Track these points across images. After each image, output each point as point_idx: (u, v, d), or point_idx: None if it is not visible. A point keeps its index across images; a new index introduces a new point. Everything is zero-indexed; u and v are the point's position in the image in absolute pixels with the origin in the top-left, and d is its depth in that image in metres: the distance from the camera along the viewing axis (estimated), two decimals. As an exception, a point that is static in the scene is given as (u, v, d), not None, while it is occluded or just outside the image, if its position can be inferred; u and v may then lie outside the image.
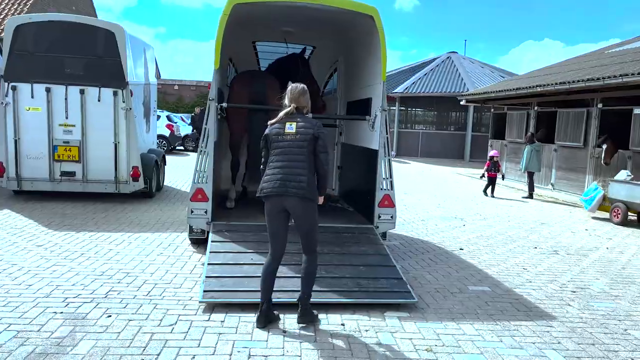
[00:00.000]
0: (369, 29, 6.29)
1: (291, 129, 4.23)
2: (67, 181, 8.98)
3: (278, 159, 4.26)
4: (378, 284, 4.97)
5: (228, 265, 5.05)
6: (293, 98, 4.32)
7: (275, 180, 4.18)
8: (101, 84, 8.77)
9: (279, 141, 4.26)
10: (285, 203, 4.17)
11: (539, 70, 19.61)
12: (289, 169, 4.18)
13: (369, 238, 5.96)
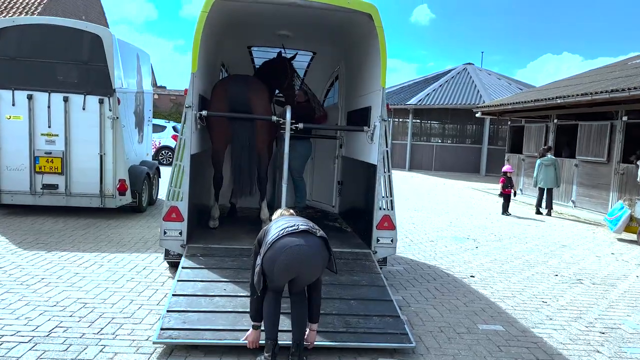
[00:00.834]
0: (368, 29, 5.61)
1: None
2: (49, 194, 8.41)
3: (278, 226, 3.77)
4: (370, 323, 4.23)
5: (196, 297, 4.36)
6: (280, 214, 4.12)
7: (281, 229, 3.70)
8: (86, 91, 8.22)
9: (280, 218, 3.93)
10: (298, 239, 3.64)
11: (558, 82, 18.75)
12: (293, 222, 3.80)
13: (365, 265, 5.23)
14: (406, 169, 24.89)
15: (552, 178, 12.72)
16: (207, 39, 5.69)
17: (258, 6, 5.66)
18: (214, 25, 5.76)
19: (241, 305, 4.20)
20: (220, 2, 5.22)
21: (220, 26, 6.22)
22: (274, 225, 3.78)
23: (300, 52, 8.21)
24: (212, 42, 6.17)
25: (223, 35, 6.76)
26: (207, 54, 6.06)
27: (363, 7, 5.29)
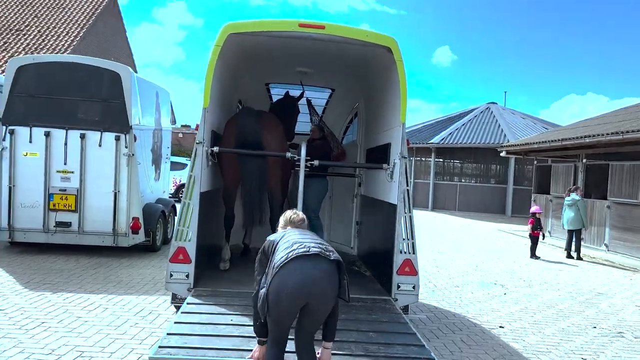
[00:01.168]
0: (387, 63, 5.39)
1: None
2: (62, 232, 8.23)
3: (288, 241, 3.42)
4: (392, 350, 3.82)
5: (199, 325, 4.06)
6: (288, 221, 3.77)
7: (290, 250, 3.31)
8: (103, 128, 8.15)
9: (285, 236, 3.52)
10: (308, 264, 3.24)
11: (586, 121, 18.27)
12: (304, 241, 3.39)
13: (384, 308, 4.85)
14: (429, 209, 24.36)
15: (574, 219, 12.15)
16: (222, 73, 5.53)
17: (274, 41, 5.51)
18: (229, 59, 5.61)
19: (249, 332, 3.82)
20: (234, 37, 5.07)
21: (236, 61, 6.08)
22: (283, 241, 3.42)
23: (319, 88, 8.06)
24: (227, 77, 6.02)
25: (239, 70, 6.62)
26: (222, 89, 5.90)
27: (382, 40, 5.08)
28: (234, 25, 5.01)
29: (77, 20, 22.65)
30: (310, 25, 5.02)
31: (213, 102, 5.30)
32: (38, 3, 23.79)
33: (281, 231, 3.67)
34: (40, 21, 22.60)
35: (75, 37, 21.63)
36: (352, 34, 5.07)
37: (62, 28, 22.18)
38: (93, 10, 23.35)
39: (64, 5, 23.59)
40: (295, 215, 3.81)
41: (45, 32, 21.92)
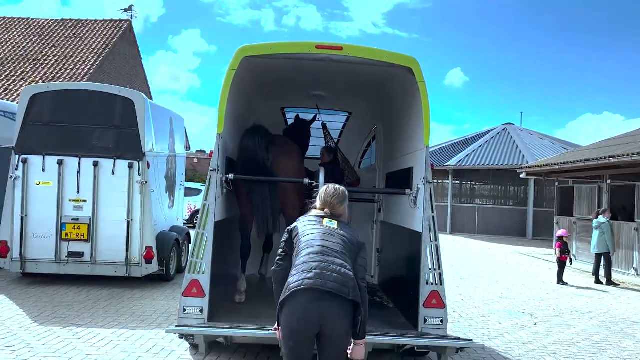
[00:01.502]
0: (407, 84, 5.17)
1: (332, 224, 3.41)
2: (74, 263, 8.04)
3: (311, 250, 3.21)
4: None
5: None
6: (327, 203, 3.50)
7: (308, 271, 3.10)
8: (116, 156, 8.01)
9: (313, 230, 3.33)
10: (320, 304, 3.04)
11: (607, 141, 17.82)
12: (328, 257, 3.16)
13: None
14: (447, 232, 23.87)
15: (599, 242, 11.67)
16: (236, 98, 5.36)
17: (290, 63, 5.33)
18: (244, 83, 5.44)
19: None
20: (249, 60, 4.91)
21: (251, 85, 5.91)
22: (307, 239, 3.25)
23: (336, 112, 7.87)
24: (242, 102, 5.84)
25: (254, 94, 6.45)
26: (237, 114, 5.72)
27: (402, 60, 4.87)
28: (248, 48, 4.85)
29: (94, 49, 22.99)
30: (327, 47, 4.84)
31: (228, 127, 5.11)
32: (56, 33, 24.25)
33: (312, 219, 3.40)
34: (58, 50, 22.96)
35: (92, 65, 21.91)
36: (371, 54, 4.87)
37: (79, 57, 22.50)
38: (110, 39, 23.70)
39: (81, 35, 24.00)
40: (335, 196, 3.49)
41: (62, 61, 22.25)
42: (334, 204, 3.47)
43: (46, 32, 24.38)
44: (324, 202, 3.49)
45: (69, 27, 24.61)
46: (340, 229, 3.35)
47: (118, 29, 24.45)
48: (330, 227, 3.34)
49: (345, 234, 3.33)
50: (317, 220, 3.39)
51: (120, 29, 24.44)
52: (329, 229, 3.33)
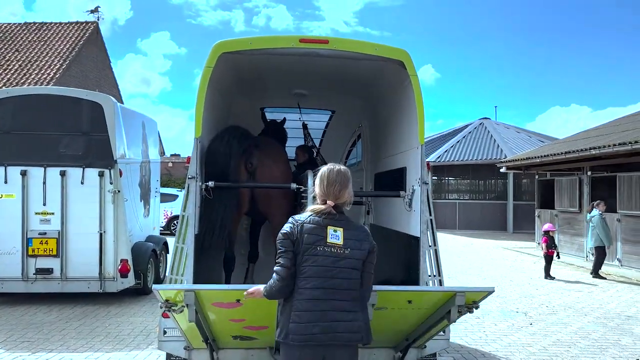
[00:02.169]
0: (398, 79, 4.83)
1: (336, 238, 2.88)
2: (43, 280, 7.51)
3: (315, 284, 2.83)
4: None
5: None
6: (330, 191, 2.94)
7: (315, 322, 2.79)
8: (85, 164, 7.50)
9: (316, 254, 2.84)
10: (329, 356, 2.82)
11: (587, 132, 17.90)
12: (335, 301, 2.83)
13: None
14: (429, 229, 23.74)
15: (591, 236, 11.61)
16: (215, 98, 4.95)
17: (271, 60, 4.94)
18: (222, 82, 5.03)
19: None
20: (227, 57, 4.50)
21: (230, 84, 5.50)
22: (308, 267, 2.83)
23: (318, 111, 7.51)
24: (221, 103, 5.43)
25: (234, 94, 6.04)
26: (216, 116, 5.30)
27: (393, 53, 4.53)
28: (226, 43, 4.44)
29: (60, 52, 22.16)
30: (312, 41, 4.47)
31: (206, 130, 4.69)
32: (19, 37, 23.32)
33: (315, 228, 2.86)
34: (22, 55, 22.06)
35: (58, 69, 21.11)
36: (359, 48, 4.52)
37: (45, 61, 21.66)
38: (76, 41, 22.90)
39: (45, 38, 23.12)
40: (339, 182, 2.93)
41: (26, 65, 21.38)
42: (338, 191, 2.93)
43: (9, 36, 23.41)
44: (326, 191, 2.93)
45: (33, 31, 23.69)
46: (346, 245, 2.87)
47: (84, 31, 23.63)
48: (336, 247, 2.85)
49: (352, 254, 2.88)
50: (319, 231, 2.85)
51: (87, 31, 23.63)
52: (335, 251, 2.85)
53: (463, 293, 3.25)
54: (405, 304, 3.40)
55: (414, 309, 3.52)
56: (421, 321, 3.73)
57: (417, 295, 3.45)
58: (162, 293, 3.08)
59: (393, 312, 3.49)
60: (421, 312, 3.59)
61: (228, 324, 3.63)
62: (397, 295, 3.38)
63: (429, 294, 3.49)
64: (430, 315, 3.61)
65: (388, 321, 3.65)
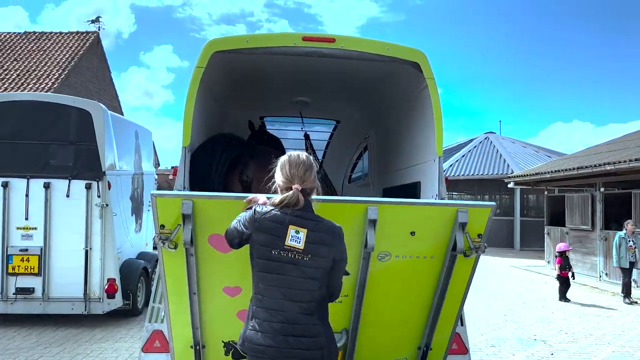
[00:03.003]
0: (412, 83, 4.32)
1: (297, 241, 2.49)
2: (23, 300, 6.96)
3: (270, 293, 2.53)
4: None
5: None
6: (295, 173, 2.58)
7: (272, 335, 2.51)
8: (71, 176, 7.00)
9: (269, 258, 2.51)
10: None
11: (597, 147, 17.40)
12: (293, 314, 2.53)
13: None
14: (433, 246, 23.13)
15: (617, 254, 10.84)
16: (207, 102, 4.46)
17: (270, 60, 4.44)
18: (214, 85, 4.53)
19: None
20: (220, 57, 4.00)
21: (224, 87, 5.00)
22: (260, 267, 2.55)
23: (322, 120, 7.01)
24: (213, 108, 4.93)
25: (229, 100, 5.53)
26: (208, 124, 4.80)
27: (408, 54, 4.03)
28: (219, 41, 3.94)
29: (59, 62, 21.79)
30: (316, 39, 3.98)
31: (196, 139, 4.19)
32: (18, 46, 22.99)
33: (274, 220, 2.50)
34: (20, 64, 21.70)
35: (57, 79, 20.70)
36: (369, 47, 4.02)
37: (43, 71, 21.27)
38: (76, 51, 22.53)
39: (45, 48, 22.78)
40: (302, 164, 2.61)
41: (25, 75, 21.00)
42: (303, 172, 2.59)
43: (8, 45, 23.08)
44: (289, 174, 2.59)
45: (33, 40, 23.36)
46: (307, 251, 2.48)
47: (85, 41, 23.29)
48: (294, 252, 2.48)
49: (314, 263, 2.50)
50: (280, 231, 2.49)
51: (87, 41, 23.29)
52: (292, 256, 2.48)
53: (465, 209, 3.05)
54: (407, 237, 3.10)
55: (420, 251, 3.19)
56: (431, 281, 3.33)
57: (418, 212, 3.11)
58: (159, 201, 2.78)
59: (397, 263, 3.17)
60: (427, 259, 3.24)
61: (222, 298, 3.15)
62: (395, 213, 3.05)
63: (430, 211, 3.14)
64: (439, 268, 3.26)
65: (395, 284, 3.29)
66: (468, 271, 3.28)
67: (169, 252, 2.95)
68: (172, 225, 2.84)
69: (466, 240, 3.08)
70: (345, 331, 3.51)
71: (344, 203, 3.04)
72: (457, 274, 3.24)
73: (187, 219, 2.79)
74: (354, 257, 3.07)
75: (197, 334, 3.33)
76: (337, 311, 3.32)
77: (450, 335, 3.61)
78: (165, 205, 2.81)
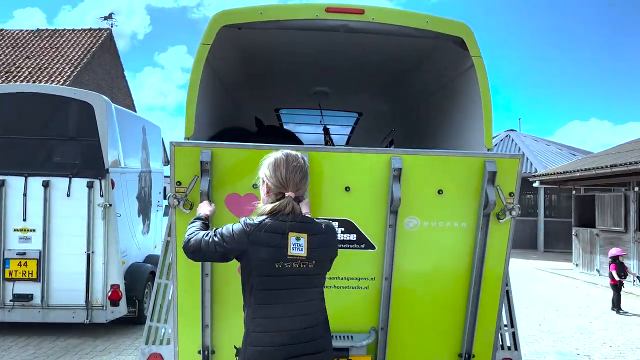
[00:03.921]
0: (454, 63, 3.70)
1: (299, 248, 2.26)
2: (21, 308, 6.47)
3: (276, 312, 2.27)
4: None
5: None
6: (290, 179, 2.32)
7: (278, 346, 2.24)
8: (72, 173, 6.48)
9: (275, 274, 2.25)
10: None
11: (625, 145, 16.56)
12: (305, 330, 2.29)
13: None
14: (453, 247, 22.40)
15: None
16: (214, 88, 3.87)
17: (288, 38, 3.83)
18: (223, 66, 3.93)
19: None
20: (230, 32, 3.41)
21: (235, 72, 4.41)
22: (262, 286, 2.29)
23: (341, 113, 6.41)
24: (221, 94, 4.34)
25: (241, 87, 4.94)
26: (217, 115, 4.22)
27: (450, 28, 3.40)
28: (228, 14, 3.35)
29: (71, 59, 21.47)
30: (342, 10, 3.37)
31: (203, 129, 3.61)
32: (31, 43, 22.73)
33: (273, 235, 2.24)
34: (32, 62, 21.42)
35: (69, 76, 20.37)
36: (404, 20, 3.40)
37: (55, 68, 20.96)
38: (88, 48, 22.20)
39: (57, 45, 22.48)
40: (298, 167, 2.34)
41: (36, 72, 20.70)
42: (299, 179, 2.33)
43: (20, 43, 22.84)
44: (285, 180, 2.30)
45: (45, 38, 23.09)
46: (311, 256, 2.26)
47: (97, 38, 22.95)
48: (299, 260, 2.24)
49: (317, 268, 2.31)
50: (281, 242, 2.22)
51: (100, 38, 22.94)
52: (297, 266, 2.25)
53: (492, 159, 2.91)
54: (435, 197, 2.94)
55: (450, 216, 2.99)
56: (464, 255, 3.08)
57: (443, 165, 2.94)
58: (177, 151, 2.75)
59: (427, 233, 2.97)
60: (459, 227, 3.02)
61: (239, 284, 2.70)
62: (419, 166, 2.91)
63: (455, 162, 2.95)
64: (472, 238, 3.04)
65: (427, 261, 3.05)
66: (504, 240, 3.08)
67: (183, 216, 2.80)
68: (189, 183, 2.77)
69: (498, 197, 2.89)
70: (374, 331, 3.05)
71: (365, 154, 2.91)
72: (493, 243, 3.04)
73: (205, 173, 2.71)
74: (379, 228, 2.89)
75: (206, 335, 2.96)
76: (363, 300, 3.04)
77: (495, 329, 3.18)
78: (184, 157, 2.75)
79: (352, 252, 2.98)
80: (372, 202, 2.92)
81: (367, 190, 2.92)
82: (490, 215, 2.99)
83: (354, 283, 3.06)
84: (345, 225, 2.96)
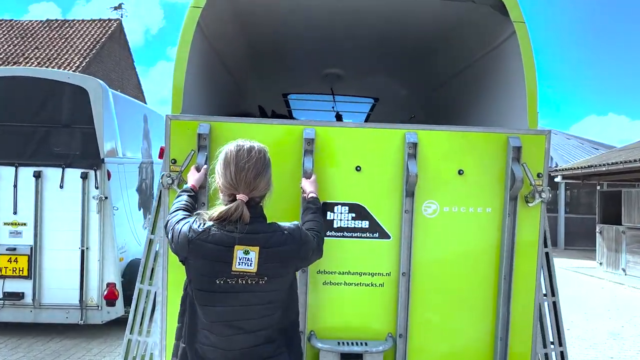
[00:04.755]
0: (492, 31, 3.14)
1: (247, 263, 1.92)
2: (12, 307, 6.06)
3: (216, 329, 1.97)
4: None
5: None
6: (241, 178, 1.97)
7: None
8: (65, 163, 6.03)
9: (214, 290, 1.95)
10: None
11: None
12: (244, 350, 1.98)
13: None
14: (469, 243, 21.81)
15: None
16: (207, 60, 3.34)
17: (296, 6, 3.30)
18: (219, 35, 3.40)
19: None
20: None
21: (235, 46, 3.88)
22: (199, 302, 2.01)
23: (357, 98, 5.88)
24: (218, 69, 3.82)
25: (243, 67, 4.42)
26: (211, 91, 3.70)
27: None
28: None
29: (80, 50, 21.16)
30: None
31: (191, 108, 3.09)
32: (40, 34, 22.47)
33: (215, 244, 1.94)
34: (41, 52, 21.15)
35: (78, 67, 20.04)
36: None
37: (64, 58, 20.67)
38: (97, 39, 21.87)
39: (67, 35, 22.19)
40: (251, 163, 1.98)
41: (45, 62, 20.42)
42: (252, 177, 1.98)
43: (30, 33, 22.59)
44: (235, 180, 1.98)
45: (54, 28, 22.80)
46: (262, 272, 1.93)
47: (107, 28, 22.61)
48: (246, 277, 1.92)
49: (271, 285, 1.97)
50: (225, 256, 1.91)
51: (109, 28, 22.60)
52: (243, 282, 1.92)
53: (516, 135, 2.67)
54: (455, 178, 2.67)
55: (472, 200, 2.68)
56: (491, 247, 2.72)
57: (462, 141, 2.66)
58: (174, 125, 2.65)
59: (447, 219, 2.67)
60: (482, 213, 2.70)
61: None
62: (436, 143, 2.64)
63: (476, 138, 2.69)
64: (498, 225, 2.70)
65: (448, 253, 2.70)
66: (535, 228, 2.72)
67: None
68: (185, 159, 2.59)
69: (525, 176, 2.61)
70: (391, 337, 2.66)
71: (378, 129, 2.68)
72: (523, 233, 2.69)
73: (203, 149, 2.55)
74: (394, 213, 2.61)
75: None
76: (378, 301, 2.65)
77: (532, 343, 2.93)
78: (180, 131, 2.61)
79: (364, 242, 2.63)
80: (386, 183, 2.62)
81: (380, 170, 2.62)
82: (517, 199, 2.64)
83: (367, 279, 2.66)
84: (356, 210, 2.62)
